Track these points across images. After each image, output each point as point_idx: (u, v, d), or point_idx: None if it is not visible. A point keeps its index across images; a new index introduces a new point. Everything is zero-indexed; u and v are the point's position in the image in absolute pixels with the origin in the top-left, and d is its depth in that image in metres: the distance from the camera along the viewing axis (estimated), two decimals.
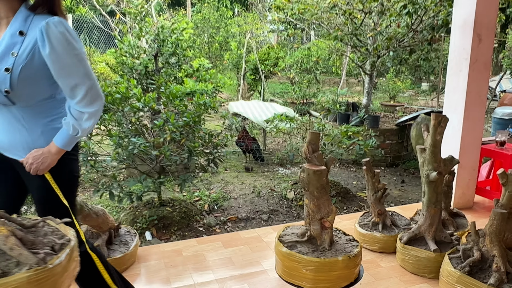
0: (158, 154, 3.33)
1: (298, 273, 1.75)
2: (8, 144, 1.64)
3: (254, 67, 9.43)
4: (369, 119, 5.44)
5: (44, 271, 1.19)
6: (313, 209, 1.76)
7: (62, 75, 1.59)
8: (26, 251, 1.22)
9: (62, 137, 1.67)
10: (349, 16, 5.17)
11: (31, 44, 1.54)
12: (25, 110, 1.61)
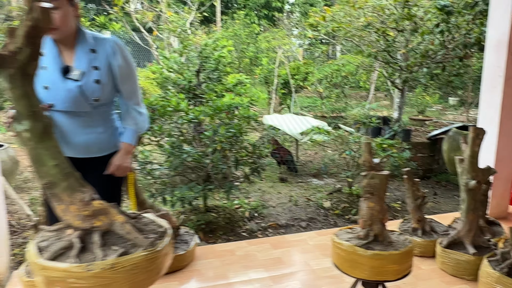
0: (209, 162, 3.61)
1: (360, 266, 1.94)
2: (84, 145, 1.91)
3: (284, 82, 9.73)
4: (401, 133, 5.62)
5: (154, 252, 1.44)
6: (378, 210, 1.98)
7: (126, 82, 1.95)
8: (140, 235, 1.48)
9: (132, 136, 2.02)
10: (382, 34, 5.39)
11: (104, 58, 1.88)
12: (100, 114, 1.92)
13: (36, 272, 1.33)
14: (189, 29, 7.11)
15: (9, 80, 1.30)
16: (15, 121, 1.37)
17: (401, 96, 6.05)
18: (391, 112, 9.90)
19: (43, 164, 1.39)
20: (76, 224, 1.42)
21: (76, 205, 1.41)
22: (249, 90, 6.55)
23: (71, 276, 1.27)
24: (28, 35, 1.26)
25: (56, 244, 1.42)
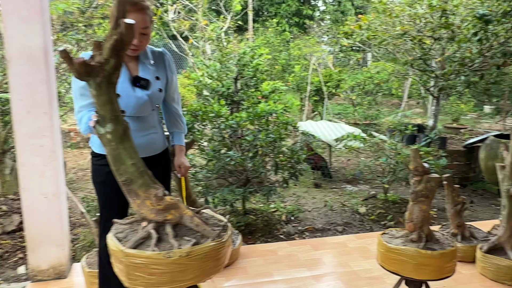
0: (251, 166, 3.76)
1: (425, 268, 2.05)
2: (144, 146, 2.07)
3: (316, 89, 9.82)
4: (437, 140, 5.62)
5: (221, 243, 1.59)
6: (428, 211, 2.09)
7: (175, 89, 2.19)
8: (208, 227, 1.64)
9: (182, 138, 2.28)
10: (418, 42, 5.43)
11: (162, 69, 2.10)
12: (154, 117, 2.13)
13: (119, 259, 1.49)
14: (224, 38, 7.32)
15: (96, 87, 1.47)
16: (98, 124, 1.53)
17: (436, 104, 6.05)
18: (425, 120, 9.83)
19: (123, 163, 1.56)
20: (150, 217, 1.58)
21: (151, 200, 1.57)
22: (283, 97, 6.69)
23: (153, 262, 1.43)
24: (114, 48, 1.43)
25: (133, 235, 1.58)
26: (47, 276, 2.69)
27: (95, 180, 2.09)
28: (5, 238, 3.71)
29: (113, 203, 2.04)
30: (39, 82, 2.44)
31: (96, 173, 2.07)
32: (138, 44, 1.89)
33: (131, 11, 1.82)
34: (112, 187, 1.99)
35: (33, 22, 2.37)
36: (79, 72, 1.44)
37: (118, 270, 1.56)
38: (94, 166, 2.07)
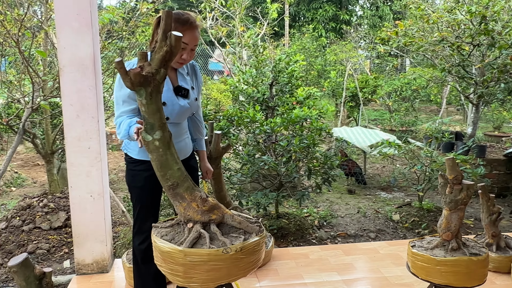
0: (284, 171, 3.84)
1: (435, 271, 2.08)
2: (181, 150, 2.19)
3: (351, 94, 9.77)
4: (475, 149, 5.50)
5: (262, 238, 1.70)
6: (462, 219, 2.12)
7: (200, 98, 2.32)
8: (250, 224, 1.74)
9: (204, 144, 2.45)
10: (456, 48, 5.34)
11: (195, 80, 2.25)
12: (187, 124, 2.27)
13: (177, 259, 1.57)
14: (260, 45, 7.43)
15: (147, 96, 1.57)
16: (145, 132, 1.61)
17: (475, 111, 5.92)
18: (464, 127, 9.58)
19: (170, 168, 1.65)
20: (197, 218, 1.67)
21: (197, 202, 1.67)
22: (317, 103, 6.72)
23: (212, 259, 1.54)
24: (163, 59, 1.54)
25: (180, 236, 1.68)
26: (90, 270, 2.87)
27: (133, 185, 2.18)
28: (53, 233, 3.96)
29: (150, 206, 2.15)
30: (88, 89, 2.62)
31: (134, 178, 2.15)
32: (187, 59, 2.02)
33: (187, 29, 1.94)
34: (150, 192, 2.14)
35: (84, 33, 2.56)
36: (133, 82, 1.52)
37: (169, 270, 1.63)
38: (132, 171, 2.16)
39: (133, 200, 2.21)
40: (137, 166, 2.13)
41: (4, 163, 3.47)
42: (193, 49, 2.01)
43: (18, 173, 6.54)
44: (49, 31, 3.79)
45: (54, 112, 4.61)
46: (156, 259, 1.69)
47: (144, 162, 2.10)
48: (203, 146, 2.42)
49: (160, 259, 1.65)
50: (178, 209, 1.69)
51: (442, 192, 2.36)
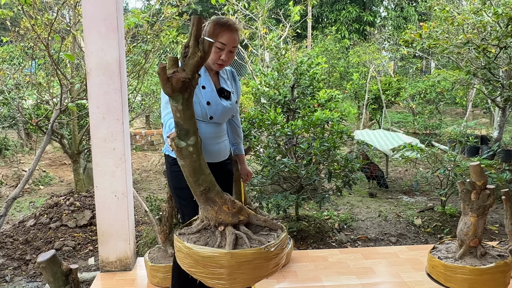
0: (305, 173, 3.86)
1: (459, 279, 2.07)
2: (221, 151, 2.26)
3: (374, 97, 9.70)
4: (501, 153, 5.39)
5: (286, 235, 1.74)
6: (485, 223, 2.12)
7: (239, 101, 2.36)
8: (274, 221, 1.78)
9: (243, 148, 2.50)
10: (482, 51, 5.25)
11: (234, 83, 2.30)
12: (225, 125, 2.30)
13: (222, 262, 1.57)
14: (283, 48, 7.44)
15: (184, 102, 1.54)
16: (178, 139, 1.59)
17: (502, 115, 5.80)
18: (491, 131, 9.37)
19: (203, 173, 1.66)
20: (228, 221, 1.69)
21: (227, 205, 1.69)
22: (339, 105, 6.70)
23: (256, 257, 1.59)
24: (197, 64, 1.51)
25: (214, 239, 1.68)
26: (114, 268, 2.95)
27: (178, 186, 2.16)
28: (78, 231, 4.09)
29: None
30: (113, 91, 2.71)
31: (178, 178, 2.12)
32: (226, 60, 2.07)
33: (226, 30, 2.01)
34: None
35: (110, 38, 2.64)
36: (174, 88, 1.50)
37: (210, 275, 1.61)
38: (177, 172, 2.10)
39: (179, 202, 2.22)
40: None
41: (33, 162, 3.60)
42: (232, 51, 2.06)
43: (46, 172, 6.75)
44: (77, 35, 3.91)
45: (81, 114, 4.75)
46: (190, 265, 1.65)
47: None
48: (242, 150, 2.47)
49: (198, 265, 1.62)
50: (210, 214, 1.69)
51: (466, 198, 2.34)
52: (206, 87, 2.14)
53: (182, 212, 2.22)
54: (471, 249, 2.26)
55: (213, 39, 2.00)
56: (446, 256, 2.27)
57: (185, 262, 1.67)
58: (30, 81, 4.67)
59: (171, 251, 2.82)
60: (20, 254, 3.78)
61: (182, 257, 1.67)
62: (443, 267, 2.13)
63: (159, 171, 7.36)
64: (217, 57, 2.06)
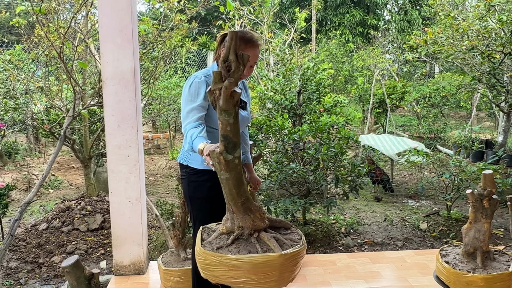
0: (312, 178, 3.92)
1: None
2: None
3: (379, 100, 9.75)
4: (506, 158, 5.44)
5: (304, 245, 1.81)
6: None
7: None
8: (285, 221, 1.87)
9: (250, 157, 2.52)
10: (487, 57, 5.31)
11: (246, 94, 2.35)
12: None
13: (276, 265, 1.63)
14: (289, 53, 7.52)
15: (234, 116, 1.57)
16: (226, 152, 1.60)
17: (506, 120, 5.85)
18: (495, 135, 9.40)
19: (243, 184, 1.69)
20: (261, 227, 1.75)
21: (259, 211, 1.76)
22: (345, 110, 6.77)
23: (300, 253, 1.72)
24: (240, 79, 1.58)
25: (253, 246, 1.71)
26: (128, 271, 3.03)
27: (195, 196, 2.20)
28: (90, 235, 4.17)
29: (214, 216, 2.10)
30: (128, 100, 2.79)
31: (197, 189, 2.18)
32: (246, 75, 2.13)
33: (250, 46, 2.06)
34: (212, 201, 2.19)
35: (125, 48, 2.73)
36: (234, 103, 1.54)
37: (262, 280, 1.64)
38: (195, 182, 2.19)
39: (194, 211, 2.23)
40: (200, 176, 2.18)
41: (47, 167, 3.69)
42: (252, 65, 2.12)
43: (55, 176, 6.84)
44: (89, 43, 4.00)
45: (93, 120, 4.83)
46: (238, 276, 1.64)
47: (207, 172, 2.14)
48: (250, 158, 2.50)
49: (249, 274, 1.63)
50: (248, 222, 1.72)
51: (480, 207, 2.39)
52: None
53: (194, 222, 2.25)
54: (485, 253, 2.32)
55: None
56: (464, 266, 2.31)
57: (230, 275, 1.65)
58: (42, 87, 4.76)
59: (184, 255, 2.89)
60: (34, 257, 3.86)
61: (225, 270, 1.65)
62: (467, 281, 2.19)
63: (166, 175, 7.44)
64: None
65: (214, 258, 1.66)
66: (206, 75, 2.15)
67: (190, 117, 2.05)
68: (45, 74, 4.36)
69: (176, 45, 5.63)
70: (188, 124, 2.03)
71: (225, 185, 1.65)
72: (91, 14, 4.23)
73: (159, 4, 4.99)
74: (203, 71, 2.18)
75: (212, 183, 2.11)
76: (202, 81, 2.10)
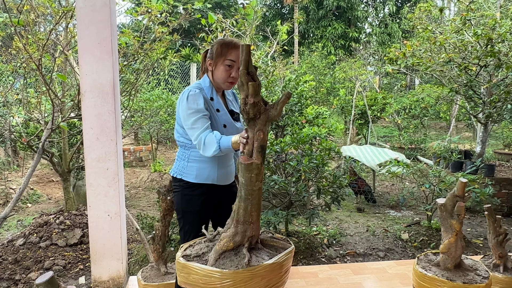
0: (294, 190, 3.93)
1: None
2: (230, 173, 2.31)
3: (360, 112, 9.88)
4: (484, 168, 5.54)
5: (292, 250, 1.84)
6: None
7: None
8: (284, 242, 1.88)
9: None
10: (464, 69, 5.44)
11: (236, 104, 2.35)
12: None
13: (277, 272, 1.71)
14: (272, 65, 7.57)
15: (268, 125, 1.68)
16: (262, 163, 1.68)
17: (484, 130, 5.97)
18: (474, 145, 9.59)
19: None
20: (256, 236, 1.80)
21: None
22: (327, 121, 6.83)
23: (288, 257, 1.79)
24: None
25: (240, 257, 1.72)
26: (106, 287, 2.96)
27: (187, 210, 2.19)
28: (68, 250, 4.07)
29: (199, 230, 2.11)
30: (107, 113, 2.76)
31: (190, 203, 2.18)
32: (236, 78, 2.10)
33: (233, 48, 2.09)
34: (204, 216, 2.21)
35: (104, 61, 2.71)
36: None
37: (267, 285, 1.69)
38: (189, 196, 2.18)
39: (185, 225, 2.22)
40: (194, 190, 2.17)
41: (24, 181, 3.61)
42: (239, 67, 2.13)
43: (33, 190, 6.70)
44: (69, 56, 3.96)
45: (72, 133, 4.76)
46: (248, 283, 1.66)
47: (201, 186, 2.16)
48: None
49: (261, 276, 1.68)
50: (257, 231, 1.78)
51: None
52: (220, 110, 2.17)
53: (185, 235, 2.23)
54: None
55: (221, 58, 2.11)
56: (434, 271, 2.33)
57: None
58: (20, 99, 4.69)
59: (164, 269, 2.85)
60: (10, 274, 3.75)
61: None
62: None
63: (148, 188, 7.36)
64: (228, 75, 2.11)
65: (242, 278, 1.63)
66: (199, 88, 2.15)
67: (200, 127, 2.03)
68: (23, 86, 4.29)
69: (159, 57, 5.63)
70: (202, 133, 2.02)
71: (256, 195, 1.68)
72: (71, 26, 4.20)
73: (142, 16, 4.98)
74: (194, 85, 2.19)
75: (205, 197, 2.14)
76: (197, 93, 2.09)
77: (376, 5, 22.73)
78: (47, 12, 4.21)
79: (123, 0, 6.88)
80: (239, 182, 1.75)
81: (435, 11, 6.76)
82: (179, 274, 1.74)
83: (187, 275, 1.70)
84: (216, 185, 2.22)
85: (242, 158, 1.68)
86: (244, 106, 1.61)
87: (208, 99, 2.15)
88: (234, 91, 2.39)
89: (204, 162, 2.16)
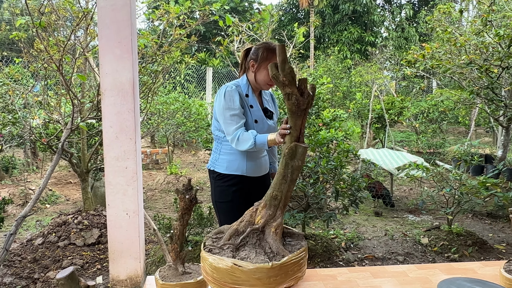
0: (312, 192, 3.89)
1: None
2: (264, 164, 2.46)
3: (377, 116, 9.77)
4: (506, 172, 5.41)
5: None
6: None
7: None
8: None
9: (277, 167, 2.55)
10: (484, 71, 5.33)
11: (273, 105, 2.54)
12: None
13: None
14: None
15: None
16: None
17: (505, 134, 5.84)
18: (494, 150, 9.39)
19: None
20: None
21: None
22: (343, 124, 6.77)
23: None
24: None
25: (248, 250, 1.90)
26: (124, 286, 2.96)
27: (221, 201, 2.36)
28: (86, 250, 4.10)
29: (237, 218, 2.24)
30: (126, 111, 2.77)
31: (223, 193, 2.34)
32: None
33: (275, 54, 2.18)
34: (240, 204, 2.32)
35: (125, 59, 2.72)
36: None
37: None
38: (221, 187, 2.34)
39: (220, 216, 2.38)
40: (225, 181, 2.32)
41: (43, 181, 3.65)
42: None
43: (52, 191, 6.78)
44: (89, 56, 4.00)
45: (91, 133, 4.81)
46: None
47: (232, 177, 2.30)
48: (276, 168, 2.59)
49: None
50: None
51: None
52: (254, 106, 2.31)
53: (220, 225, 2.37)
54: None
55: (265, 63, 2.26)
56: None
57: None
58: (41, 101, 4.75)
59: (182, 269, 2.83)
60: (28, 272, 3.79)
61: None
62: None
63: (165, 190, 7.38)
64: (270, 79, 2.22)
65: None
66: (236, 85, 2.32)
67: (236, 123, 2.20)
68: (44, 87, 4.35)
69: (175, 61, 5.65)
70: (238, 129, 2.20)
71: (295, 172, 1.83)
72: (91, 29, 4.25)
73: (158, 22, 5.03)
74: (232, 82, 2.36)
75: (237, 187, 2.29)
76: (233, 90, 2.27)
77: (393, 9, 22.58)
78: (67, 14, 4.27)
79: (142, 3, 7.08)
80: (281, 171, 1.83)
81: (454, 12, 6.67)
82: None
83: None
84: (247, 176, 2.36)
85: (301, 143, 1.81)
86: (296, 100, 1.72)
87: (244, 96, 2.30)
88: (271, 92, 2.53)
89: (234, 155, 2.32)
